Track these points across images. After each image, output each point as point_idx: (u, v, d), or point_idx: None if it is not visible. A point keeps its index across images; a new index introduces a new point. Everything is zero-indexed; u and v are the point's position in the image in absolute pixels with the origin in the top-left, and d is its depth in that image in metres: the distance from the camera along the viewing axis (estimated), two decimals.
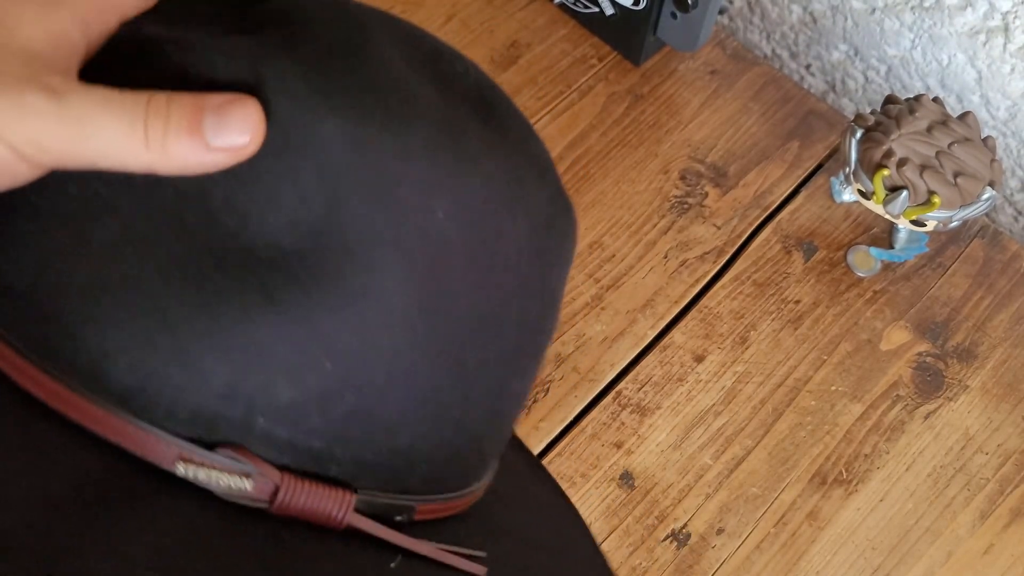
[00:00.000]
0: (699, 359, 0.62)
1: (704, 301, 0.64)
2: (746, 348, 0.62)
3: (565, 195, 0.39)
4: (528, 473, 0.49)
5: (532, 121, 0.70)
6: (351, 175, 0.31)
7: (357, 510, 0.34)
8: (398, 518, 0.36)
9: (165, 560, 0.31)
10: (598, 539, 0.55)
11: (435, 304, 0.33)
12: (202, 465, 0.32)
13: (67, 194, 0.31)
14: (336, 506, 0.33)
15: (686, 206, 0.67)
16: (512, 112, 0.38)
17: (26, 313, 0.32)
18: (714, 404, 0.60)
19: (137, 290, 0.31)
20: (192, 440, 0.32)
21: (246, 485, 0.32)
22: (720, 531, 0.56)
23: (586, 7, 0.73)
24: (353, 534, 0.34)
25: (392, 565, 0.35)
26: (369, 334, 0.32)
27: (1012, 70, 0.70)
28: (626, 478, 0.57)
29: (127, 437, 0.31)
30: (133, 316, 0.31)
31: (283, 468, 0.33)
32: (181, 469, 0.31)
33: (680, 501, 0.57)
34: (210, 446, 0.32)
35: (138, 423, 0.31)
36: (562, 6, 0.75)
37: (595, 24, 0.73)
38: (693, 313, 0.63)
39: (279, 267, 0.31)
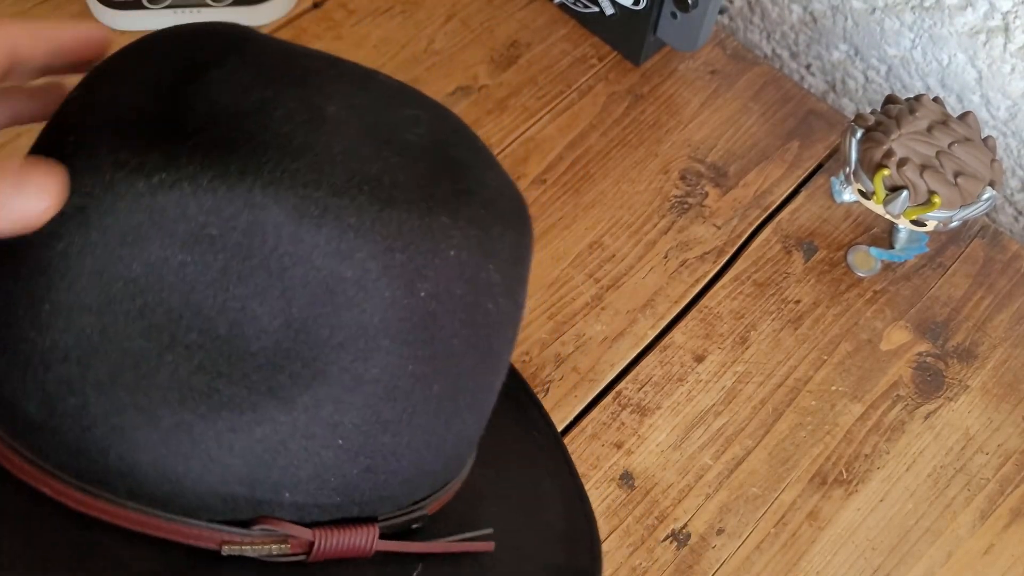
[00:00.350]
0: (699, 359, 0.62)
1: (704, 301, 0.64)
2: (746, 348, 0.62)
3: (521, 207, 0.41)
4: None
5: (532, 121, 0.70)
6: (335, 276, 0.34)
7: (381, 535, 0.38)
8: (415, 525, 0.40)
9: None
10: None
11: (428, 369, 0.36)
12: (243, 543, 0.36)
13: (70, 330, 0.33)
14: (364, 539, 0.38)
15: (686, 206, 0.67)
16: (469, 150, 0.40)
17: (54, 444, 0.35)
18: (714, 404, 0.60)
19: (153, 415, 0.34)
20: (231, 522, 0.36)
21: (285, 548, 0.36)
22: (720, 531, 0.56)
23: (586, 7, 0.73)
24: (383, 554, 0.39)
25: (414, 575, 0.39)
26: (373, 409, 0.36)
27: (1012, 70, 0.70)
28: (626, 478, 0.57)
29: (175, 533, 0.35)
30: (157, 438, 0.34)
31: (313, 524, 0.37)
32: (226, 550, 0.35)
33: (680, 501, 0.57)
34: (247, 523, 0.36)
35: (179, 520, 0.35)
36: (562, 6, 0.75)
37: (595, 24, 0.73)
38: (693, 313, 0.63)
39: (280, 366, 0.34)
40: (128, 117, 0.34)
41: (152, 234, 0.32)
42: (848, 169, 0.63)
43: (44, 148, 0.34)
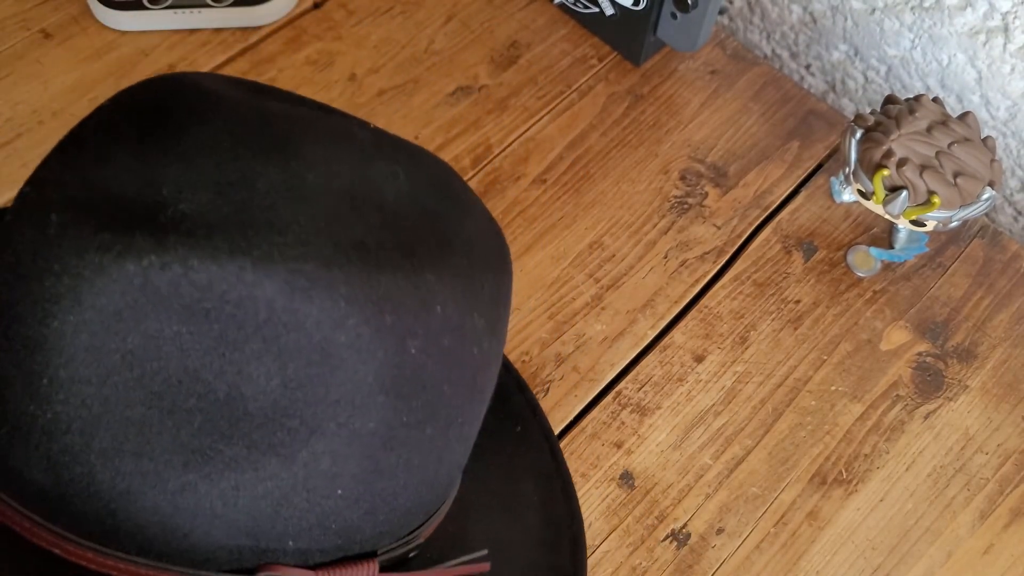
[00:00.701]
0: (699, 359, 0.62)
1: (704, 301, 0.64)
2: (746, 348, 0.62)
3: (500, 247, 0.42)
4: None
5: (532, 121, 0.70)
6: (329, 341, 0.34)
7: (381, 568, 0.39)
8: (412, 554, 0.41)
9: None
10: (598, 539, 0.55)
11: (420, 416, 0.38)
12: None
13: (70, 402, 0.34)
14: (365, 575, 0.39)
15: (686, 206, 0.67)
16: (447, 199, 0.41)
17: (62, 509, 0.36)
18: (714, 404, 0.60)
19: (159, 478, 0.35)
20: (237, 571, 0.37)
21: None
22: (720, 531, 0.56)
23: (586, 7, 0.73)
24: None
25: None
26: (371, 459, 0.37)
27: (1012, 70, 0.70)
28: (626, 478, 0.57)
29: None
30: (163, 500, 0.35)
31: (316, 566, 0.38)
32: None
33: (680, 501, 0.57)
34: (252, 572, 0.37)
35: (187, 572, 0.36)
36: (562, 6, 0.75)
37: (595, 24, 0.73)
38: (693, 313, 0.63)
39: (279, 424, 0.35)
40: (108, 193, 0.35)
41: (147, 311, 0.33)
42: (848, 169, 0.63)
43: (24, 225, 0.35)
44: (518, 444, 0.55)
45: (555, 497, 0.53)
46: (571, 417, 0.59)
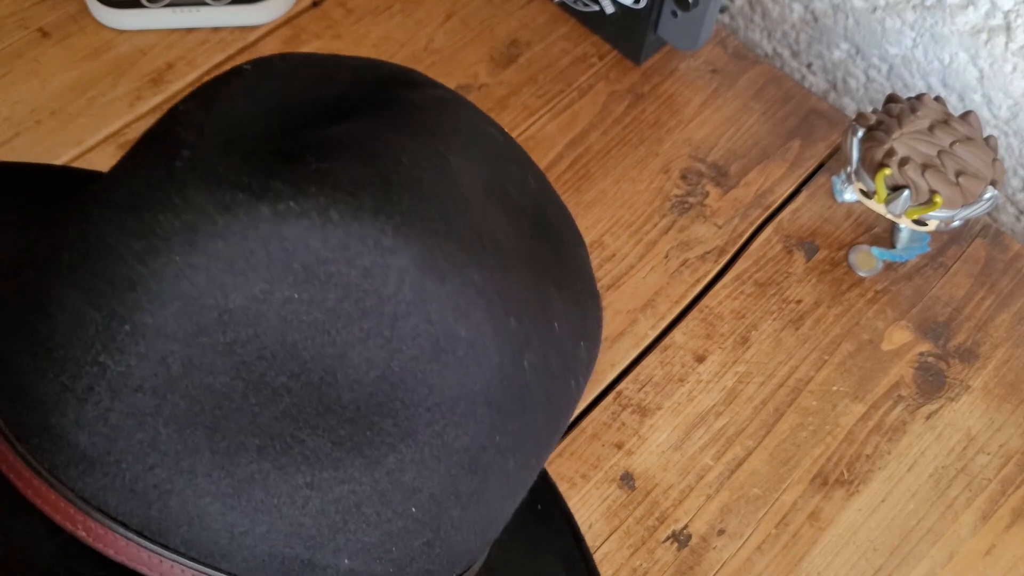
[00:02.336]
0: (700, 359, 0.61)
1: (705, 301, 0.64)
2: (747, 348, 0.62)
3: (595, 284, 0.40)
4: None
5: (532, 120, 0.70)
6: (448, 333, 0.31)
7: None
8: None
9: None
10: (599, 540, 0.55)
11: (511, 442, 0.34)
12: None
13: (149, 357, 0.30)
14: None
15: (687, 205, 0.67)
16: (564, 218, 0.38)
17: (105, 483, 0.31)
18: (715, 404, 0.60)
19: (230, 460, 0.31)
20: None
21: None
22: (721, 532, 0.56)
23: (586, 5, 0.72)
24: None
25: None
26: (453, 479, 0.33)
27: (1014, 69, 0.69)
28: (627, 479, 0.57)
29: None
30: (229, 486, 0.31)
31: None
32: None
33: (681, 502, 0.57)
34: None
35: None
36: (562, 4, 0.74)
37: (595, 22, 0.73)
38: (694, 313, 0.63)
39: (370, 422, 0.31)
40: (249, 137, 0.32)
41: (263, 265, 0.29)
42: (849, 168, 0.63)
43: (150, 161, 0.31)
44: (539, 522, 0.51)
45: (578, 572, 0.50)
46: (571, 417, 0.59)
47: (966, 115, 0.62)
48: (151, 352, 0.30)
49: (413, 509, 0.33)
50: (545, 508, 0.52)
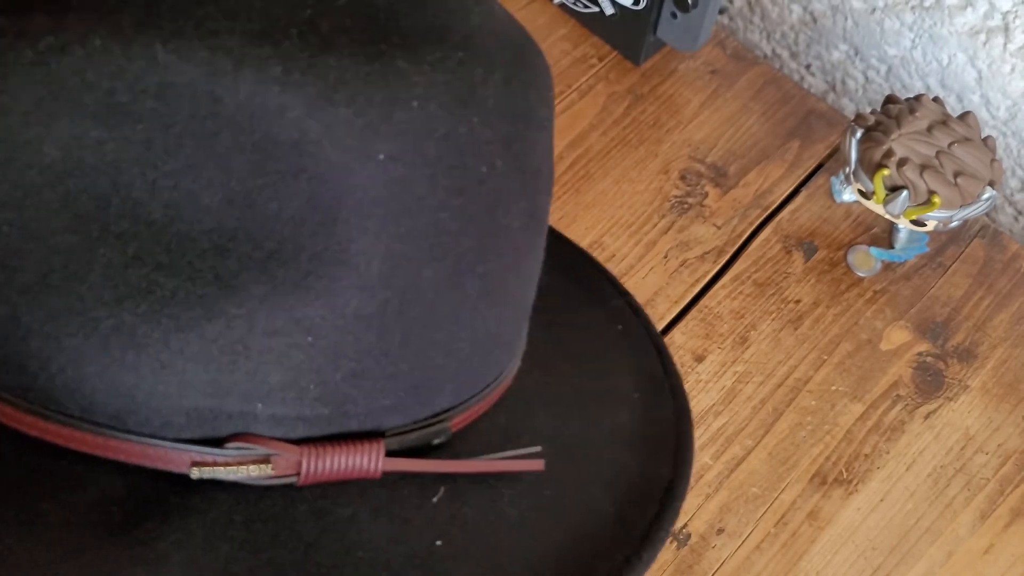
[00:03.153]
0: (699, 359, 0.62)
1: (704, 301, 0.64)
2: (746, 348, 0.62)
3: (520, 43, 0.33)
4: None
5: None
6: (268, 139, 0.28)
7: (391, 452, 0.32)
8: (436, 441, 0.34)
9: (199, 566, 0.30)
10: None
11: (410, 248, 0.30)
12: (215, 464, 0.31)
13: None
14: (367, 458, 0.32)
15: (686, 206, 0.67)
16: None
17: (3, 364, 0.30)
18: (714, 404, 0.60)
19: (89, 317, 0.29)
20: (202, 441, 0.31)
21: (267, 469, 0.31)
22: (720, 531, 0.56)
23: (586, 7, 0.73)
24: (397, 476, 0.33)
25: (434, 500, 0.34)
26: (343, 298, 0.30)
27: (1012, 70, 0.70)
28: None
29: (136, 455, 0.30)
30: (96, 344, 0.29)
31: (301, 441, 0.31)
32: (196, 473, 0.31)
33: None
34: (220, 442, 0.31)
35: (139, 440, 0.30)
36: (562, 6, 0.75)
37: (595, 24, 0.73)
38: (693, 313, 0.63)
39: (226, 250, 0.28)
40: None
41: (57, 109, 0.27)
42: (848, 169, 0.63)
43: None
44: (616, 342, 0.46)
45: (660, 396, 0.45)
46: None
47: (964, 116, 0.62)
48: None
49: (309, 338, 0.30)
50: (626, 328, 0.47)
